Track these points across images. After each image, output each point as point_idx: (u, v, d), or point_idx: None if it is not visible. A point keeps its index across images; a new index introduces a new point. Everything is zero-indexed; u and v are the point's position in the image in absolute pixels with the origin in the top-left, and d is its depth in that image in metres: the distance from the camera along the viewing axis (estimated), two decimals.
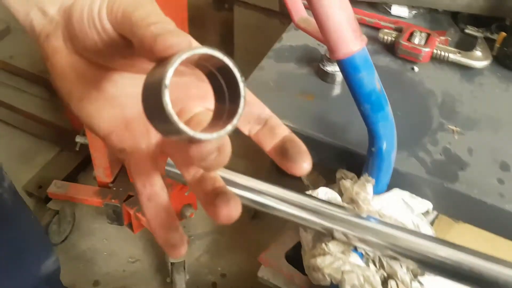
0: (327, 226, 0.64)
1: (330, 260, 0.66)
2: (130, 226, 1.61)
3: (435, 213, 0.81)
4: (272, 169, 1.89)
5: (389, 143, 0.64)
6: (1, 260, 0.90)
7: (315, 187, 1.11)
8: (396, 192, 0.70)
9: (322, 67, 0.82)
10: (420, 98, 0.80)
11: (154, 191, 0.35)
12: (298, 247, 1.30)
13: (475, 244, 0.76)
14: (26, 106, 1.99)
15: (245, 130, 0.37)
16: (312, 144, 0.75)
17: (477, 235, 0.84)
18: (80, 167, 1.86)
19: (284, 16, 1.76)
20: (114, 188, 1.61)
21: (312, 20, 0.65)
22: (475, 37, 0.87)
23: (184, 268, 1.52)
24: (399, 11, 0.92)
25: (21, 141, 1.98)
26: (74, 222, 1.75)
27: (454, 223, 0.90)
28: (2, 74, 2.12)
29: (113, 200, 1.57)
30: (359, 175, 0.72)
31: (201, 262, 1.67)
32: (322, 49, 0.88)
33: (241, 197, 0.68)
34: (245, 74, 2.01)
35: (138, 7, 0.31)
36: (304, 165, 0.34)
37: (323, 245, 0.68)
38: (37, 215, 1.73)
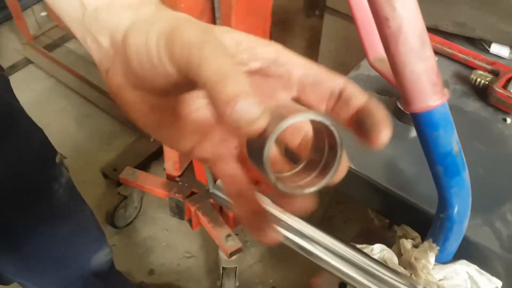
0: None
1: None
2: (190, 222, 1.63)
3: None
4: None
5: (461, 211, 0.56)
6: (52, 253, 0.93)
7: (380, 221, 1.03)
8: (462, 265, 0.61)
9: (400, 105, 0.74)
10: (509, 156, 0.70)
11: (241, 189, 0.35)
12: None
13: None
14: None
15: (322, 109, 0.34)
16: (374, 191, 0.69)
17: None
18: (154, 156, 1.92)
19: None
20: (180, 183, 1.63)
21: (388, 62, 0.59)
22: None
23: (235, 275, 1.50)
24: (499, 50, 0.81)
25: (106, 124, 2.08)
26: (140, 209, 1.82)
27: None
28: None
29: (177, 195, 1.60)
30: (423, 235, 0.64)
31: (254, 271, 1.65)
32: None
33: (287, 238, 0.63)
34: None
35: (204, 57, 0.27)
36: (381, 136, 0.31)
37: None
38: (107, 197, 1.83)
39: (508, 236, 0.61)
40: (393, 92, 0.79)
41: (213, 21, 1.26)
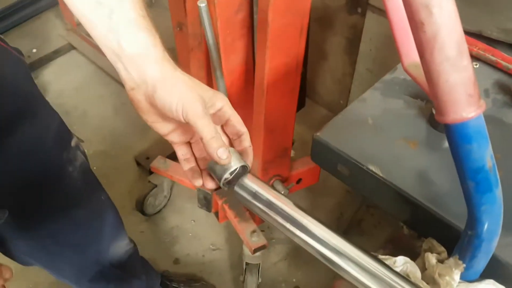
0: None
1: None
2: (217, 214, 1.64)
3: None
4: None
5: (491, 229, 0.53)
6: (67, 237, 0.94)
7: (411, 230, 1.00)
8: (489, 285, 0.58)
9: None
10: None
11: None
12: None
13: None
14: None
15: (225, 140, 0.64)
16: (402, 200, 0.66)
17: None
18: None
19: None
20: None
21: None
22: None
23: (258, 271, 1.50)
24: None
25: None
26: (169, 198, 1.84)
27: None
28: None
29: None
30: (449, 250, 0.61)
31: (278, 269, 1.64)
32: None
33: (308, 244, 0.62)
34: (365, 82, 1.88)
35: (203, 125, 0.56)
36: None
37: None
38: (138, 184, 1.86)
39: None
40: (428, 99, 0.75)
41: (251, 15, 1.25)
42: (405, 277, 0.58)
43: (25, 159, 0.80)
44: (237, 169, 0.61)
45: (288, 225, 0.61)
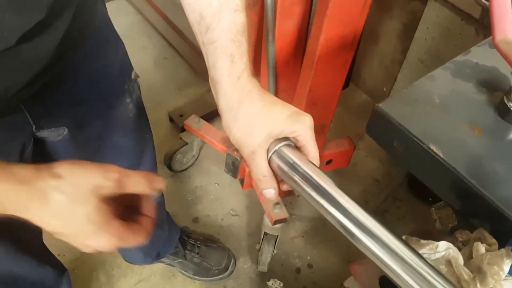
0: None
1: None
2: (242, 181, 1.62)
3: None
4: (403, 183, 1.73)
5: None
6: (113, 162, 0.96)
7: (443, 225, 0.96)
8: None
9: (507, 102, 0.66)
10: None
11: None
12: None
13: None
14: (195, 39, 2.09)
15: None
16: (459, 187, 0.63)
17: None
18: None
19: (482, 27, 1.53)
20: None
21: None
22: None
23: (275, 243, 1.49)
24: None
25: (182, 70, 2.10)
26: (197, 157, 1.83)
27: None
28: None
29: (235, 152, 1.59)
30: (501, 244, 0.58)
31: (294, 244, 1.63)
32: None
33: (335, 219, 0.57)
34: (414, 71, 1.82)
35: (250, 166, 0.58)
36: None
37: None
38: (168, 140, 1.86)
39: None
40: (501, 86, 0.71)
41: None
42: (432, 266, 0.54)
43: (93, 82, 0.81)
44: None
45: (323, 202, 0.57)
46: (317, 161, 0.58)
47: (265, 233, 1.48)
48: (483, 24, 1.52)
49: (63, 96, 0.77)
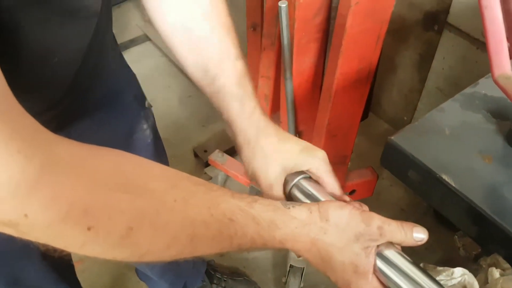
0: None
1: None
2: None
3: None
4: (428, 212, 1.73)
5: None
6: None
7: (468, 252, 0.97)
8: None
9: None
10: None
11: None
12: None
13: None
14: None
15: None
16: (472, 214, 0.65)
17: None
18: None
19: None
20: None
21: None
22: None
23: (302, 275, 1.50)
24: None
25: (205, 107, 2.17)
26: None
27: None
28: None
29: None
30: None
31: (321, 276, 1.62)
32: None
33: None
34: (433, 100, 1.84)
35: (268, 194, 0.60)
36: None
37: None
38: (193, 174, 1.90)
39: None
40: (508, 116, 0.73)
41: (328, 20, 1.26)
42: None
43: (105, 109, 0.84)
44: None
45: None
46: (337, 192, 0.61)
47: (291, 266, 1.49)
48: None
49: (85, 126, 0.79)
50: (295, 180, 0.61)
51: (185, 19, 0.67)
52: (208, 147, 1.95)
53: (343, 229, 0.49)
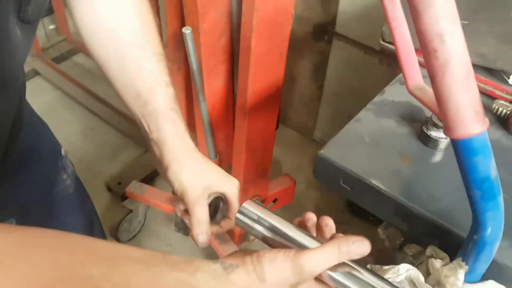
0: None
1: None
2: None
3: None
4: (345, 208, 1.84)
5: (494, 233, 0.59)
6: None
7: (392, 243, 1.05)
8: (491, 285, 0.64)
9: (426, 131, 0.78)
10: None
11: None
12: None
13: None
14: (120, 105, 2.10)
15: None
16: (403, 212, 0.72)
17: None
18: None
19: (384, 56, 1.71)
20: None
21: (428, 90, 0.62)
22: None
23: None
24: None
25: (111, 137, 2.09)
26: (144, 223, 1.82)
27: None
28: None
29: (182, 207, 1.61)
30: (451, 256, 0.67)
31: None
32: (427, 111, 0.84)
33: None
34: (332, 105, 1.96)
35: (192, 212, 0.66)
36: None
37: None
38: (110, 210, 1.83)
39: None
40: (418, 117, 0.82)
41: (231, 41, 1.30)
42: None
43: (27, 164, 0.81)
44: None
45: (286, 242, 0.62)
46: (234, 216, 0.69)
47: None
48: (384, 54, 1.71)
49: (6, 190, 0.76)
50: (240, 207, 0.64)
51: (120, 46, 0.69)
52: (122, 179, 1.88)
53: (281, 285, 0.50)
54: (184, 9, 1.18)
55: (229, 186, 0.70)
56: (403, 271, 0.67)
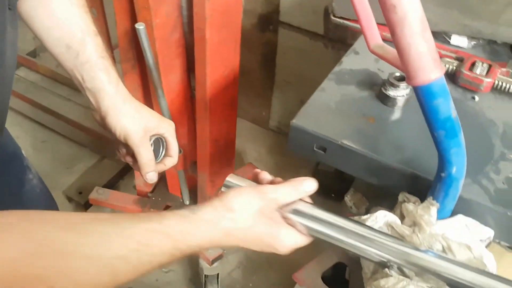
0: (382, 258, 0.64)
1: (394, 281, 0.67)
2: None
3: (487, 241, 0.81)
4: None
5: (459, 169, 0.65)
6: None
7: (358, 208, 1.12)
8: (460, 218, 0.71)
9: (384, 91, 0.84)
10: (481, 128, 0.82)
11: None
12: (336, 268, 1.31)
13: None
14: (71, 114, 2.05)
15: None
16: (373, 166, 0.78)
17: None
18: (119, 175, 1.91)
19: (328, 40, 1.79)
20: (153, 198, 1.64)
21: (388, 47, 0.68)
22: None
23: (218, 281, 1.53)
24: (459, 41, 0.94)
25: (65, 148, 2.04)
26: None
27: (505, 252, 0.90)
28: (49, 83, 2.20)
29: (151, 210, 1.61)
30: (422, 198, 0.73)
31: (233, 277, 1.68)
32: (383, 74, 0.90)
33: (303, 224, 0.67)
34: (284, 92, 2.02)
35: (140, 154, 0.75)
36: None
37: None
38: None
39: (495, 190, 0.72)
40: (375, 81, 0.89)
41: (184, 34, 1.32)
42: (385, 233, 0.67)
43: None
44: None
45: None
46: (175, 152, 0.81)
47: (206, 276, 1.52)
48: (328, 38, 1.79)
49: None
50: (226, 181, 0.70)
51: (47, 1, 0.71)
52: (83, 188, 1.84)
53: (247, 212, 0.57)
54: (135, 5, 1.19)
55: (167, 126, 0.78)
56: (380, 218, 0.73)
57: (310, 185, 0.62)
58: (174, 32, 1.30)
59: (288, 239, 0.61)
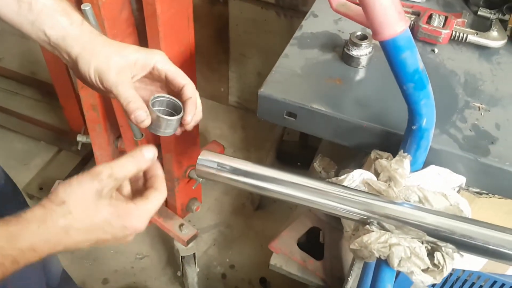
0: (362, 216, 0.67)
1: (376, 236, 0.68)
2: None
3: (458, 189, 0.84)
4: (274, 160, 1.91)
5: (429, 120, 0.67)
6: None
7: (328, 172, 1.13)
8: (433, 168, 0.72)
9: (348, 52, 0.84)
10: (444, 78, 0.83)
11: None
12: (310, 233, 1.33)
13: (495, 219, 0.80)
14: (20, 108, 1.95)
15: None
16: (344, 127, 0.78)
17: (497, 209, 0.88)
18: (80, 166, 1.84)
19: (280, 8, 1.77)
20: None
21: (351, 4, 0.68)
22: (488, 19, 0.91)
23: (195, 261, 1.52)
24: None
25: (18, 144, 1.94)
26: None
27: (475, 198, 0.93)
28: None
29: None
30: (394, 153, 0.74)
31: (210, 255, 1.68)
32: (343, 34, 0.90)
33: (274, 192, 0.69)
34: (240, 66, 1.99)
35: (119, 92, 0.62)
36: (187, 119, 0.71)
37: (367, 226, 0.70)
38: None
39: (462, 138, 0.74)
40: (337, 43, 0.89)
41: (133, 13, 1.26)
42: (361, 190, 0.70)
43: None
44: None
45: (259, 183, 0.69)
46: (183, 77, 0.70)
47: (183, 257, 1.50)
48: (279, 6, 1.77)
49: None
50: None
51: None
52: (43, 183, 1.77)
53: (83, 200, 0.51)
54: None
55: (156, 56, 0.66)
56: (357, 176, 0.74)
57: (149, 152, 0.57)
58: (122, 10, 1.24)
59: (141, 209, 0.55)
